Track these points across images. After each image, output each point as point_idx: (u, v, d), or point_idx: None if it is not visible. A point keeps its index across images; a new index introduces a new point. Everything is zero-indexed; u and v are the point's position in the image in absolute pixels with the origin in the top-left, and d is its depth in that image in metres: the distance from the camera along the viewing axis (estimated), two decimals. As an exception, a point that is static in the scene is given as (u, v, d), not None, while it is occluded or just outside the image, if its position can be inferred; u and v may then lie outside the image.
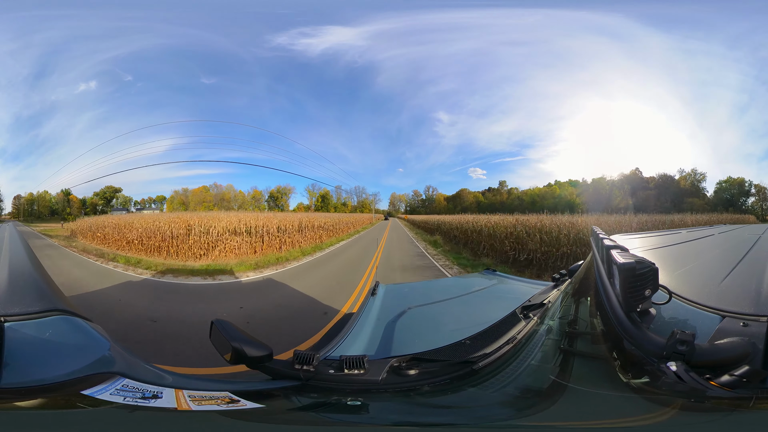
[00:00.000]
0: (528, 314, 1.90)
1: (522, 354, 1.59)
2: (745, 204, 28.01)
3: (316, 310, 7.78)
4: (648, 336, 1.15)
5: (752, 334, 1.10)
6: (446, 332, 2.09)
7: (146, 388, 1.36)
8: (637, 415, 1.12)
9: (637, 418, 1.12)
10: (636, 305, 1.24)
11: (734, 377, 1.02)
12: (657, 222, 18.20)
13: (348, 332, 2.07)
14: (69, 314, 1.74)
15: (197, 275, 12.04)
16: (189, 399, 1.35)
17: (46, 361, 1.39)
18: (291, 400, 1.45)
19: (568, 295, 2.10)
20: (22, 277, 2.66)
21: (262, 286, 11.06)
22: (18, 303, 1.82)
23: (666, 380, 1.04)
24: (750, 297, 1.39)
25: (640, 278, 1.23)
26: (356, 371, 1.48)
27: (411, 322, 2.45)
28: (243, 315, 7.48)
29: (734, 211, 26.66)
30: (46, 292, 2.07)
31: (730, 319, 1.20)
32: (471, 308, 2.88)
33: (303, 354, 1.51)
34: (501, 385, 1.47)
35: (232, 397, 1.38)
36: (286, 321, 7.19)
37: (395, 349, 1.88)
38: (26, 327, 1.55)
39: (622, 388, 1.15)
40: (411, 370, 1.52)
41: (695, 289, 1.49)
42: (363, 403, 1.41)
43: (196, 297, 9.88)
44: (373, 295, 2.88)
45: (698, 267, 2.07)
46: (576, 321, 1.76)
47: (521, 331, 1.74)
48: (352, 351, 1.86)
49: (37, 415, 1.24)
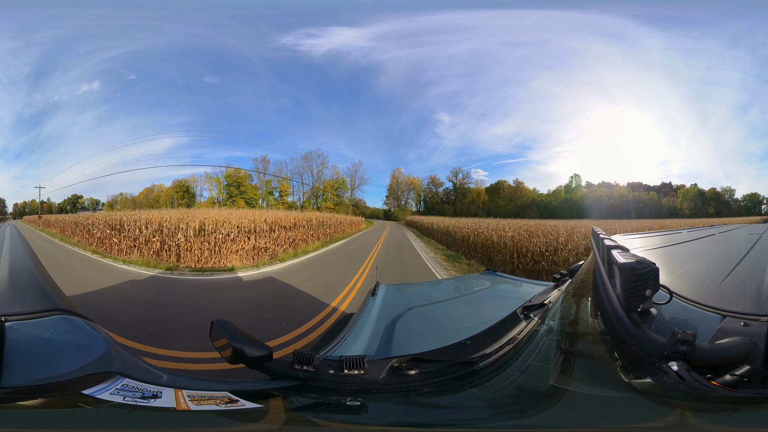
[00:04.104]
0: (529, 315, 1.90)
1: (523, 354, 1.58)
2: (760, 211, 29.85)
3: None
4: (649, 336, 1.15)
5: (753, 334, 1.10)
6: (447, 333, 2.09)
7: (146, 388, 1.36)
8: (642, 417, 1.12)
9: (642, 420, 1.12)
10: (637, 305, 1.24)
11: (736, 377, 1.02)
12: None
13: (348, 332, 2.07)
14: (69, 314, 1.74)
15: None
16: (188, 399, 1.34)
17: (47, 360, 1.39)
18: (290, 400, 1.44)
19: (569, 296, 2.10)
20: (23, 276, 2.66)
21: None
22: (18, 303, 1.82)
23: (668, 380, 1.03)
24: (750, 297, 1.39)
25: (640, 278, 1.22)
26: (356, 371, 1.48)
27: (411, 323, 2.44)
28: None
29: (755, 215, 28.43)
30: (46, 292, 2.07)
31: (730, 319, 1.20)
32: (471, 308, 2.88)
33: (303, 354, 1.51)
34: (502, 386, 1.47)
35: (231, 397, 1.37)
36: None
37: (395, 350, 1.88)
38: (27, 327, 1.55)
39: (625, 389, 1.14)
40: (411, 371, 1.51)
41: (696, 288, 1.48)
42: (362, 404, 1.41)
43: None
44: (373, 296, 2.88)
45: (699, 267, 2.06)
46: (577, 321, 1.76)
47: (522, 331, 1.73)
48: (353, 351, 1.86)
49: (38, 414, 1.24)
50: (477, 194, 25.06)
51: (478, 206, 24.54)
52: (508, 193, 25.98)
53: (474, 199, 24.92)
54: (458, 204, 24.83)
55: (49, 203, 27.76)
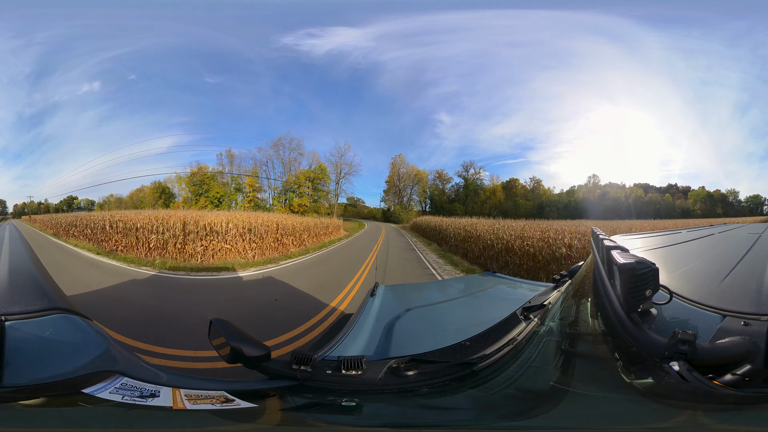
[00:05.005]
0: (528, 315, 1.89)
1: (522, 355, 1.57)
2: (762, 211, 30.88)
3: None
4: (649, 336, 1.15)
5: (753, 333, 1.09)
6: (446, 333, 2.08)
7: (144, 387, 1.36)
8: (645, 418, 1.11)
9: (645, 420, 1.11)
10: (637, 305, 1.23)
11: (737, 376, 1.01)
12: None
13: (347, 333, 2.06)
14: (69, 313, 1.74)
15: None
16: (185, 398, 1.34)
17: (47, 359, 1.39)
18: (285, 400, 1.44)
19: (569, 296, 2.09)
20: (22, 276, 2.66)
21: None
22: (18, 302, 1.82)
23: (669, 380, 1.03)
24: (750, 296, 1.38)
25: (640, 278, 1.22)
26: (354, 372, 1.47)
27: (410, 323, 2.44)
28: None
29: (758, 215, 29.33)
30: (46, 291, 2.07)
31: (731, 319, 1.20)
32: (471, 309, 2.87)
33: (301, 354, 1.51)
34: (501, 387, 1.46)
35: (228, 397, 1.37)
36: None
37: (394, 350, 1.87)
38: (27, 326, 1.55)
39: (626, 389, 1.14)
40: (409, 372, 1.50)
41: (696, 288, 1.48)
42: (357, 404, 1.40)
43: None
44: (372, 296, 2.87)
45: (698, 267, 2.06)
46: (577, 322, 1.75)
47: (522, 332, 1.72)
48: (351, 352, 1.85)
49: (39, 413, 1.24)
50: (492, 192, 22.01)
51: (492, 205, 21.14)
52: (522, 192, 23.52)
53: (488, 197, 21.68)
54: (470, 202, 21.46)
55: (46, 204, 29.41)
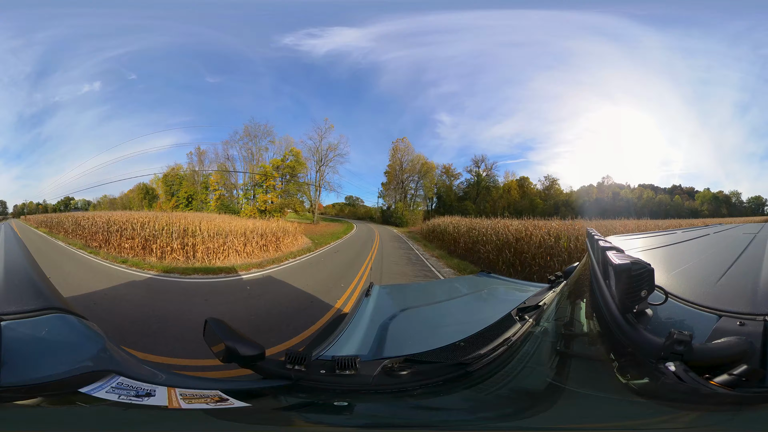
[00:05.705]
0: (523, 316, 1.88)
1: (518, 356, 1.57)
2: (764, 212, 31.15)
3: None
4: (645, 337, 1.15)
5: (749, 333, 1.09)
6: (440, 334, 2.07)
7: (140, 386, 1.35)
8: (641, 418, 1.11)
9: (641, 421, 1.11)
10: (632, 306, 1.23)
11: (733, 376, 1.01)
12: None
13: (341, 333, 2.06)
14: (65, 312, 1.74)
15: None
16: (180, 397, 1.34)
17: (43, 359, 1.39)
18: (279, 399, 1.44)
19: (564, 297, 2.09)
20: (18, 275, 2.66)
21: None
22: (14, 301, 1.81)
23: (665, 381, 1.03)
24: (746, 296, 1.38)
25: (635, 279, 1.22)
26: (347, 372, 1.47)
27: (405, 324, 2.43)
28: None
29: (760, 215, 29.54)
30: (42, 291, 2.06)
31: (726, 319, 1.19)
32: (466, 310, 2.87)
33: (295, 354, 1.50)
34: (496, 388, 1.45)
35: (222, 396, 1.37)
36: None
37: (388, 351, 1.86)
38: (23, 326, 1.55)
39: (622, 390, 1.14)
40: (403, 372, 1.50)
41: (691, 289, 1.47)
42: (349, 404, 1.40)
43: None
44: (367, 296, 2.86)
45: (694, 267, 2.06)
46: (572, 323, 1.75)
47: (517, 333, 1.72)
48: (345, 351, 1.85)
49: (35, 413, 1.24)
50: (506, 189, 20.46)
51: (505, 204, 19.65)
52: (533, 191, 22.52)
53: (502, 195, 20.13)
54: (481, 201, 19.74)
55: (44, 204, 29.98)
